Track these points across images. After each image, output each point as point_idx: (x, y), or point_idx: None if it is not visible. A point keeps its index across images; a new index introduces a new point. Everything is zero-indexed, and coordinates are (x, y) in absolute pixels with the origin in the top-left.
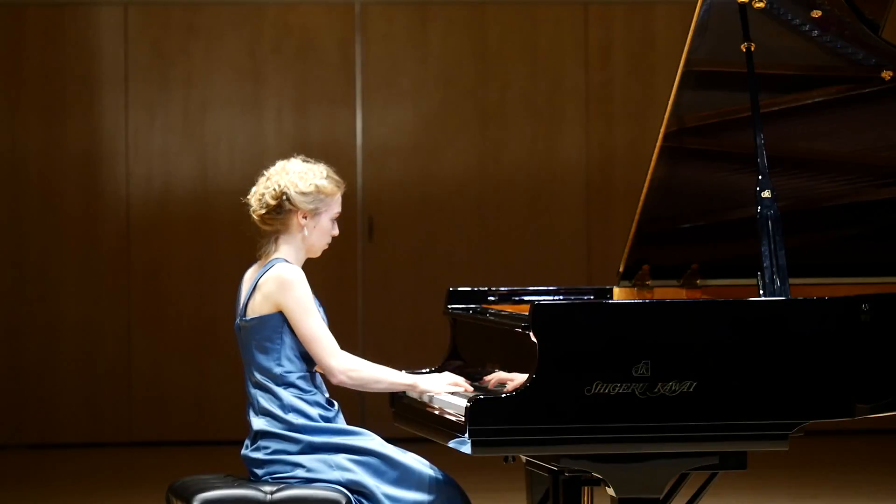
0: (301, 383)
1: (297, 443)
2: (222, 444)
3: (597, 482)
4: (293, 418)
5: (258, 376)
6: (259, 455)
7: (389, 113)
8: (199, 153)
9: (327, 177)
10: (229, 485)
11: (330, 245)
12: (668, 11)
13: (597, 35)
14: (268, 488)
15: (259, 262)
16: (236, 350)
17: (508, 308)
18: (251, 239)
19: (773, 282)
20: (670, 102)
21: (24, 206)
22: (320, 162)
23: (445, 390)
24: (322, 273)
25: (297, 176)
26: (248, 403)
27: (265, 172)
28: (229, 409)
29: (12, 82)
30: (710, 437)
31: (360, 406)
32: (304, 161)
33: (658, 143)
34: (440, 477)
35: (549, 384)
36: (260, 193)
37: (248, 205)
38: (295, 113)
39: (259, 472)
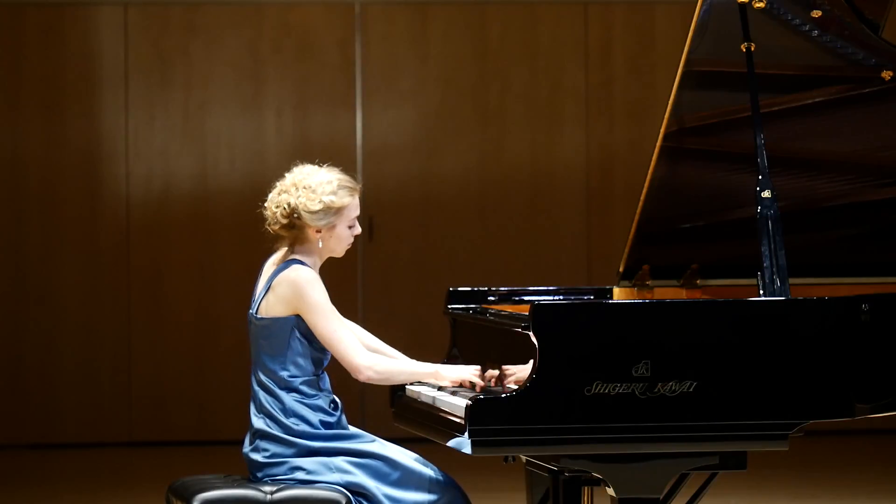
0: (305, 388)
1: (296, 446)
2: (222, 444)
3: (597, 482)
4: (293, 423)
5: (262, 376)
6: (258, 457)
7: (389, 113)
8: (199, 153)
9: (338, 188)
10: (229, 485)
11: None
12: (668, 11)
13: (597, 35)
14: (268, 488)
15: (277, 257)
16: (237, 350)
17: (508, 308)
18: (251, 239)
19: (773, 282)
20: (670, 102)
21: (24, 205)
22: (333, 168)
23: (467, 380)
24: (322, 273)
25: (306, 194)
26: (251, 397)
27: (277, 184)
28: (229, 409)
29: (12, 82)
30: (710, 437)
31: (360, 406)
32: (316, 169)
33: (658, 143)
34: (441, 478)
35: (548, 384)
36: (272, 211)
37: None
38: (295, 113)
39: (258, 474)
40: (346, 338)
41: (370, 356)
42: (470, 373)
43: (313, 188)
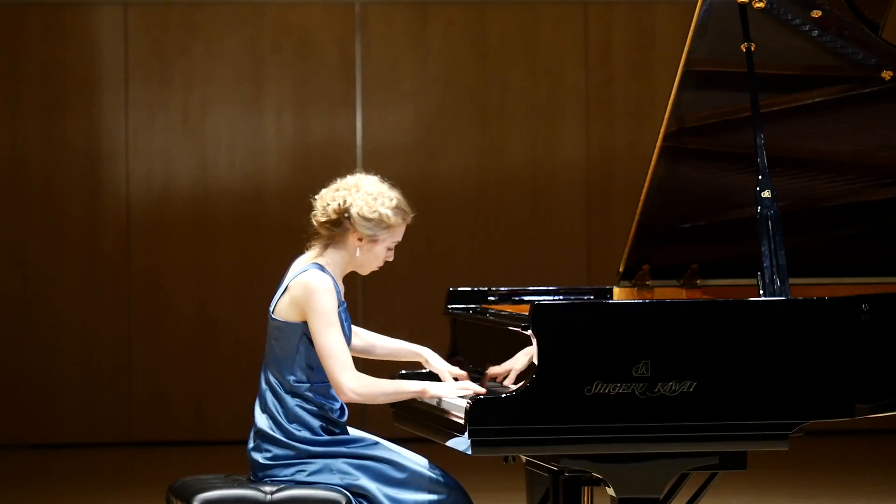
0: (310, 394)
1: (296, 450)
2: (222, 444)
3: (597, 482)
4: (294, 429)
5: (271, 376)
6: (259, 457)
7: (389, 113)
8: (199, 153)
9: (395, 207)
10: (229, 485)
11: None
12: (668, 11)
13: (597, 35)
14: (268, 488)
15: (307, 256)
16: (237, 350)
17: (508, 308)
18: (251, 239)
19: (773, 282)
20: (670, 102)
21: (24, 205)
22: (395, 188)
23: (456, 395)
24: None
25: (364, 198)
26: (258, 394)
27: (338, 180)
28: (229, 409)
29: (12, 82)
30: (710, 437)
31: (360, 406)
32: (380, 182)
33: (658, 143)
34: (444, 480)
35: (549, 384)
36: (325, 202)
37: (311, 204)
38: (295, 113)
39: (259, 474)
40: (339, 353)
41: (357, 378)
42: (456, 388)
43: (374, 196)
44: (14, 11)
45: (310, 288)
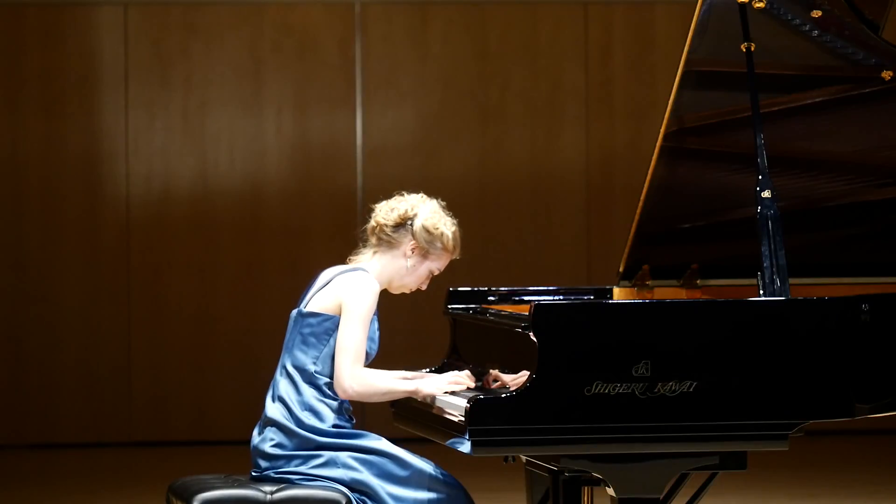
0: (327, 388)
1: (303, 439)
2: (222, 444)
3: (597, 482)
4: (306, 417)
5: (290, 367)
6: (265, 447)
7: (389, 113)
8: (199, 153)
9: (453, 232)
10: (229, 485)
11: (330, 244)
12: (668, 11)
13: (597, 35)
14: (268, 488)
15: (345, 266)
16: (236, 350)
17: (508, 308)
18: (251, 239)
19: (773, 282)
20: (670, 102)
21: (24, 205)
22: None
23: (446, 389)
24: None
25: (430, 212)
26: (270, 386)
27: (403, 193)
28: (229, 409)
29: (12, 82)
30: (710, 437)
31: (360, 406)
32: (443, 207)
33: (658, 143)
34: (446, 479)
35: (549, 384)
36: (391, 207)
37: (371, 210)
38: (295, 113)
39: (263, 463)
40: (355, 349)
41: (359, 376)
42: (446, 382)
43: (439, 216)
44: (14, 11)
45: (359, 284)
